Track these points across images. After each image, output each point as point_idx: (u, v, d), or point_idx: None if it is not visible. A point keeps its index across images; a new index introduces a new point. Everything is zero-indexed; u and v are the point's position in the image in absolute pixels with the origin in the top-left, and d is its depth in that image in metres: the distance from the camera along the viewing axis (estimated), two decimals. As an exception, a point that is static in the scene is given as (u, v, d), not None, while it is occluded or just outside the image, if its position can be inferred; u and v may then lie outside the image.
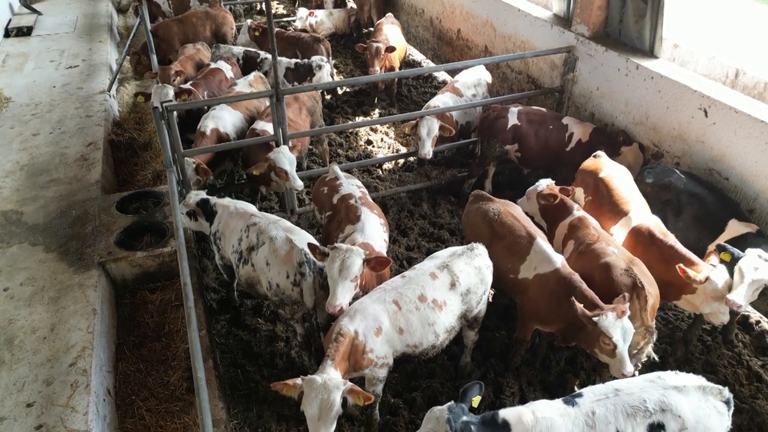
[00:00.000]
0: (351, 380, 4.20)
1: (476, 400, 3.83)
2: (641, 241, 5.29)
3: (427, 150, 7.28)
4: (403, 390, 5.29)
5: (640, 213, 5.50)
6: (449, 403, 3.66)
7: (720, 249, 4.91)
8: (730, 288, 4.71)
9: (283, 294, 4.97)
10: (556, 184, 5.90)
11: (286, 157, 6.22)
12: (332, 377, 3.85)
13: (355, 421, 4.98)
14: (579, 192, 6.19)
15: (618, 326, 4.25)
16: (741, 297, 4.53)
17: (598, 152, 6.28)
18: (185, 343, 5.38)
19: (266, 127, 7.17)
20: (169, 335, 5.67)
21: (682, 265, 4.72)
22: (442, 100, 8.13)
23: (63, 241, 6.20)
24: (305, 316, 5.19)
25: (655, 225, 5.35)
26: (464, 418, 3.57)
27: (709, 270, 4.78)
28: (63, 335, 5.00)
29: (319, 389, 3.75)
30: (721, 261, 4.88)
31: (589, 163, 6.25)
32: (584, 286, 4.65)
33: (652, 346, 4.73)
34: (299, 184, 6.26)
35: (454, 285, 4.68)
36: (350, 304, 4.50)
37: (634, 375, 4.50)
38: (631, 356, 4.95)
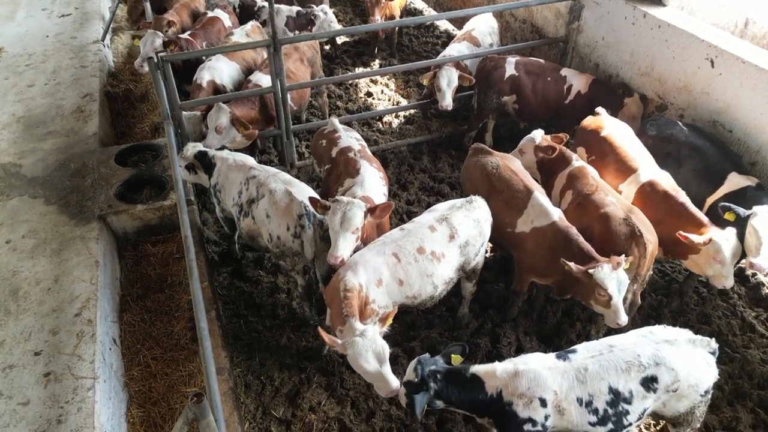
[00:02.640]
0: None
1: (456, 359, 3.96)
2: (651, 197, 5.23)
3: (448, 102, 7.16)
4: (402, 340, 5.40)
5: (648, 169, 5.41)
6: (424, 355, 3.84)
7: (724, 209, 4.85)
8: (738, 250, 4.66)
9: (284, 246, 5.01)
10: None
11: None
12: (365, 330, 3.93)
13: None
14: (580, 152, 6.09)
15: (613, 278, 4.30)
16: (766, 259, 4.48)
17: (598, 109, 6.16)
18: (188, 294, 5.46)
19: (263, 78, 7.03)
20: (171, 287, 5.76)
21: (682, 232, 4.68)
22: (458, 49, 7.94)
23: (63, 193, 6.20)
24: (306, 267, 5.25)
25: (666, 181, 5.28)
26: (432, 367, 3.71)
27: (714, 232, 4.73)
28: (67, 286, 5.07)
29: (367, 345, 3.85)
30: (726, 221, 4.83)
31: (589, 122, 6.12)
32: (581, 239, 4.68)
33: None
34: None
35: (453, 237, 4.71)
36: (351, 255, 4.55)
37: (628, 326, 4.60)
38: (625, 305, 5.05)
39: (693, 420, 3.99)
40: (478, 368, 3.83)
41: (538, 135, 5.82)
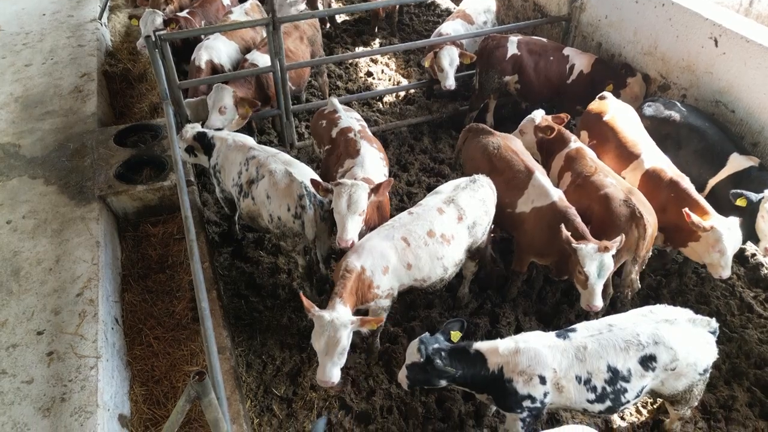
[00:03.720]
0: (357, 311, 4.38)
1: (455, 335, 4.01)
2: (655, 183, 5.16)
3: (451, 81, 7.11)
4: (402, 319, 5.44)
5: (652, 155, 5.34)
6: (424, 334, 3.88)
7: (736, 196, 4.78)
8: (739, 241, 4.62)
9: (285, 227, 5.01)
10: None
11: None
12: (340, 315, 3.97)
13: (357, 349, 5.16)
14: (583, 136, 6.03)
15: (595, 259, 4.30)
16: None
17: (604, 93, 6.07)
18: (189, 274, 5.48)
19: (259, 58, 6.94)
20: (172, 267, 5.78)
21: (688, 209, 4.64)
22: (453, 27, 7.86)
23: (62, 174, 6.19)
24: (306, 248, 5.25)
25: (669, 167, 5.22)
26: (436, 345, 3.74)
27: (717, 220, 4.66)
28: (68, 267, 5.09)
29: (327, 326, 3.90)
30: (737, 207, 4.77)
31: (593, 106, 6.04)
32: (578, 219, 4.68)
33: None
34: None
35: (461, 218, 4.71)
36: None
37: (600, 312, 4.65)
38: (624, 287, 5.08)
39: (691, 398, 4.04)
40: (480, 345, 3.87)
41: (539, 115, 5.79)
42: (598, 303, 4.40)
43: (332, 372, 3.96)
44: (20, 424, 3.90)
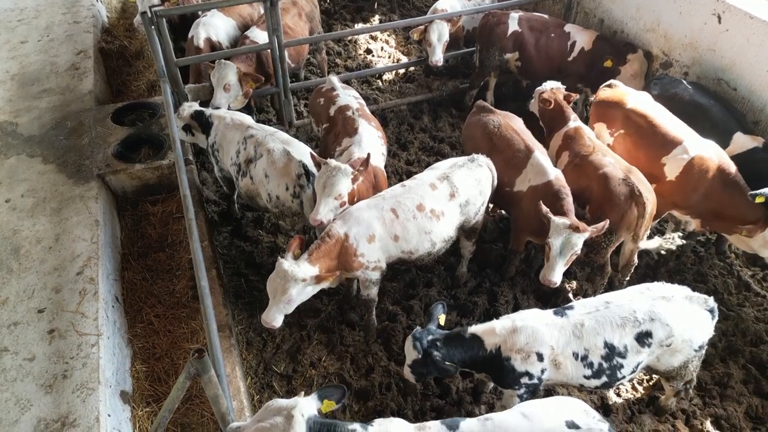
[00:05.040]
0: (347, 280, 4.59)
1: (442, 318, 4.04)
2: (702, 172, 4.90)
3: (438, 57, 7.03)
4: (401, 298, 5.47)
5: (695, 141, 5.05)
6: (416, 329, 3.88)
7: (754, 196, 4.64)
8: None
9: (283, 206, 5.01)
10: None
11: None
12: (297, 270, 4.10)
13: (356, 326, 5.20)
14: (599, 128, 5.75)
15: (562, 234, 4.33)
16: None
17: (612, 81, 5.86)
18: (188, 253, 5.49)
19: (260, 35, 6.87)
20: (172, 246, 5.79)
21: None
22: (449, 3, 7.75)
23: (60, 152, 6.16)
24: (305, 227, 5.26)
25: (716, 153, 4.98)
26: (429, 337, 3.76)
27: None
28: (68, 245, 5.10)
29: (280, 274, 4.09)
30: (758, 203, 4.69)
31: (607, 95, 5.72)
32: (569, 198, 4.68)
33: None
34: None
35: (454, 196, 4.70)
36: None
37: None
38: (622, 265, 5.11)
39: (686, 374, 4.08)
40: (476, 328, 3.90)
41: (550, 85, 5.72)
42: (554, 278, 4.42)
43: (275, 317, 4.19)
44: (23, 400, 3.94)
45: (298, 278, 4.09)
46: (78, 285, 4.76)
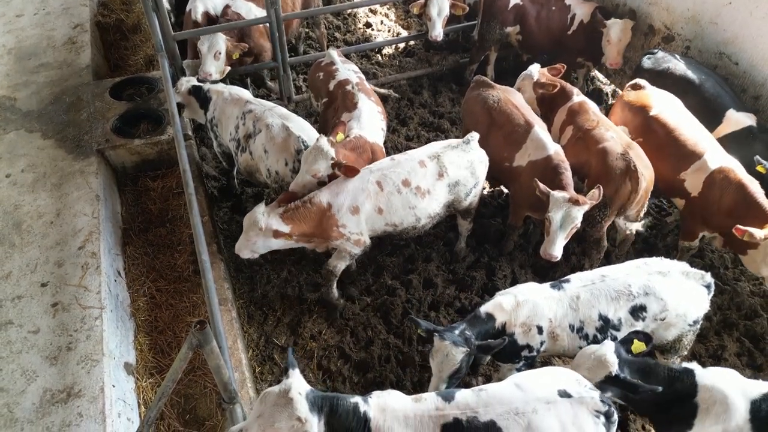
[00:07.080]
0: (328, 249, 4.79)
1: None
2: (722, 186, 4.69)
3: (438, 32, 6.95)
4: (400, 273, 5.52)
5: (716, 154, 4.82)
6: (436, 338, 3.64)
7: (757, 162, 4.57)
8: None
9: (283, 181, 5.03)
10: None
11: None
12: (263, 218, 4.33)
13: (356, 300, 5.26)
14: (622, 131, 5.32)
15: (562, 207, 4.37)
16: None
17: (638, 81, 5.56)
18: (189, 228, 5.53)
19: (242, 6, 6.75)
20: (173, 221, 5.82)
21: (740, 226, 4.31)
22: None
23: (59, 128, 6.15)
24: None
25: (737, 168, 4.74)
26: (456, 332, 3.66)
27: None
28: (69, 220, 5.13)
29: (251, 216, 4.40)
30: (758, 174, 4.61)
31: (633, 98, 5.45)
32: (568, 173, 4.70)
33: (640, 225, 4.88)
34: None
35: (442, 175, 4.73)
36: None
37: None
38: (620, 242, 5.14)
39: (680, 348, 4.15)
40: (486, 306, 3.90)
41: (535, 71, 5.68)
42: (555, 252, 4.46)
43: (242, 250, 4.53)
44: (29, 371, 4.02)
45: (259, 225, 4.33)
46: (80, 259, 4.81)
